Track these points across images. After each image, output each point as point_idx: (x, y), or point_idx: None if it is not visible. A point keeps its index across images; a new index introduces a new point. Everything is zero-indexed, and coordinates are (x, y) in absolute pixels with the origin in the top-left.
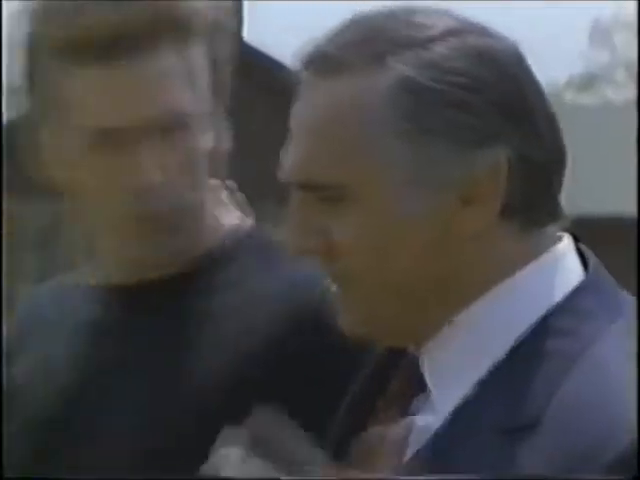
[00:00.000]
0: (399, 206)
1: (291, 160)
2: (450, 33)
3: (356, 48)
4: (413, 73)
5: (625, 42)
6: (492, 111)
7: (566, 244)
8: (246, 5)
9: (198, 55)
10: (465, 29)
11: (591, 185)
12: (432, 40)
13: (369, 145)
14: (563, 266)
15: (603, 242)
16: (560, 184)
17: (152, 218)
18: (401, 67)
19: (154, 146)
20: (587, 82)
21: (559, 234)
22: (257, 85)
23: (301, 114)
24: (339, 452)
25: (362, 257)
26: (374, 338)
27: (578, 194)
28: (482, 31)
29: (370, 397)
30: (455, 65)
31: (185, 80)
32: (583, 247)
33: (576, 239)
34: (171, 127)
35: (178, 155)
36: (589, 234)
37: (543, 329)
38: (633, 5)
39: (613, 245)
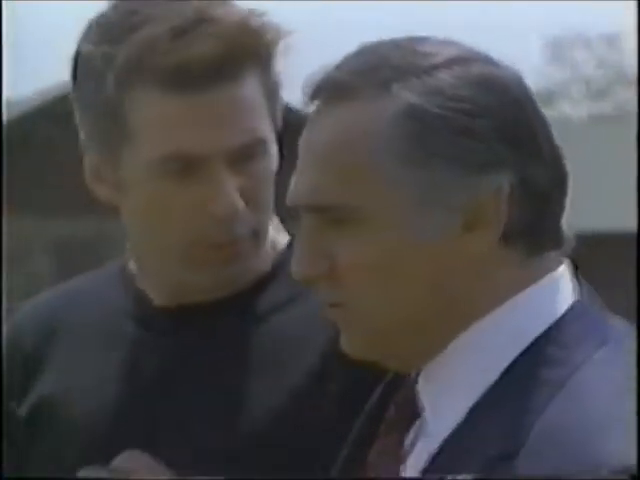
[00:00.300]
0: (404, 229)
1: (299, 184)
2: (454, 61)
3: (363, 76)
4: (418, 100)
5: (583, 58)
6: (495, 137)
7: (562, 269)
8: None
9: (267, 83)
10: (469, 57)
11: None
12: (437, 67)
13: (376, 170)
14: (558, 292)
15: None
16: (562, 210)
17: (232, 244)
18: (406, 94)
19: (237, 173)
20: (545, 98)
21: (560, 258)
22: None
23: (310, 139)
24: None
25: (365, 278)
26: (377, 361)
27: None
28: (486, 59)
29: (374, 424)
30: (459, 92)
31: (264, 107)
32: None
33: (575, 264)
34: (254, 154)
35: (257, 181)
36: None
37: (532, 356)
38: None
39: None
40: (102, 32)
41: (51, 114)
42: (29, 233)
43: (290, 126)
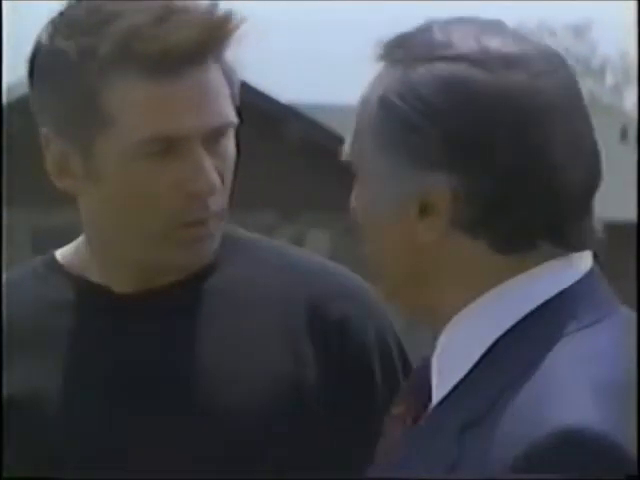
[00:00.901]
0: (375, 202)
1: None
2: (443, 58)
3: (389, 49)
4: (391, 90)
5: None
6: (439, 139)
7: (563, 260)
8: None
9: (225, 69)
10: (463, 56)
11: None
12: (424, 61)
13: (366, 138)
14: (546, 279)
15: None
16: (547, 213)
17: (204, 223)
18: (389, 81)
19: (210, 154)
20: None
21: (560, 251)
22: None
23: None
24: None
25: (364, 230)
26: (400, 308)
27: None
28: (484, 62)
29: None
30: (421, 90)
31: (227, 92)
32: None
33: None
34: (222, 137)
35: (226, 162)
36: None
37: (514, 336)
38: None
39: None
40: (70, 27)
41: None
42: (9, 223)
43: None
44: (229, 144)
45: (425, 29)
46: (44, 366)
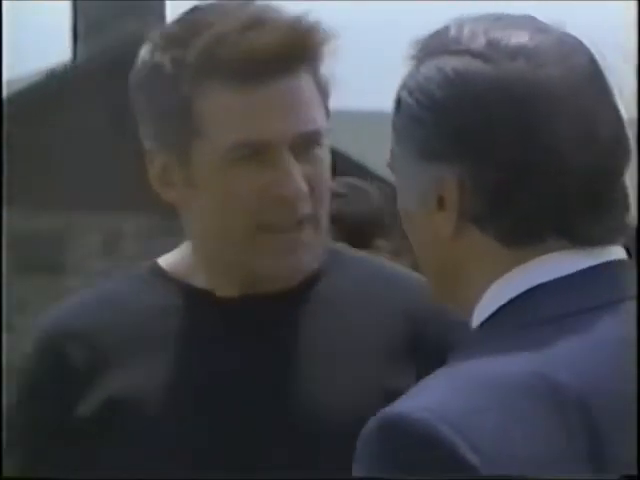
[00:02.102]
0: (404, 198)
1: None
2: (452, 52)
3: (419, 46)
4: (403, 84)
5: None
6: (442, 131)
7: (563, 254)
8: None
9: (319, 80)
10: (471, 50)
11: None
12: (436, 55)
13: (390, 137)
14: (536, 271)
15: None
16: (554, 205)
17: (296, 230)
18: (405, 77)
19: (299, 160)
20: None
21: (576, 246)
22: None
23: None
24: None
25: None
26: (449, 308)
27: None
28: (487, 55)
29: None
30: (425, 83)
31: (319, 101)
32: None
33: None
34: (313, 143)
35: (317, 169)
36: None
37: (479, 330)
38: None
39: None
40: (167, 42)
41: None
42: None
43: None
44: (321, 151)
45: (446, 27)
46: (148, 369)
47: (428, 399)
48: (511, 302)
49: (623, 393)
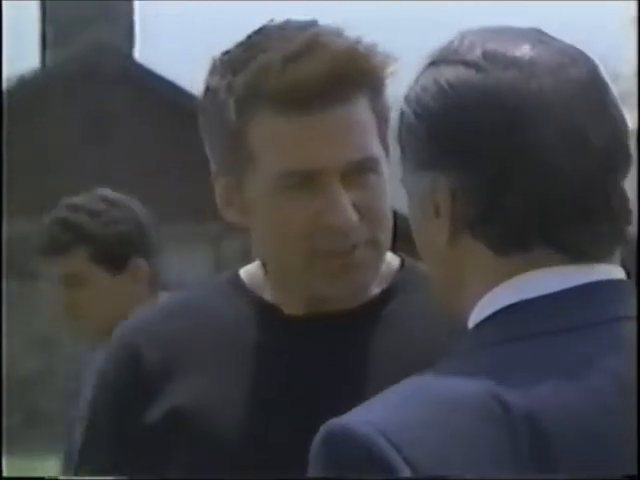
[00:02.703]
0: (408, 205)
1: None
2: (448, 62)
3: (432, 54)
4: (405, 94)
5: None
6: (433, 140)
7: (555, 269)
8: (138, 27)
9: (377, 106)
10: (466, 60)
11: None
12: (433, 65)
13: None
14: (522, 287)
15: None
16: (542, 214)
17: (350, 253)
18: (410, 85)
19: (350, 187)
20: None
21: (570, 258)
22: (150, 106)
23: None
24: None
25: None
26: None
27: None
28: (480, 64)
29: None
30: (419, 93)
31: (374, 128)
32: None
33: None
34: (365, 170)
35: (369, 195)
36: None
37: (458, 344)
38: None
39: None
40: (226, 65)
41: None
42: None
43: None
44: (376, 177)
45: (451, 39)
46: (214, 380)
47: (374, 413)
48: (490, 317)
49: (583, 411)
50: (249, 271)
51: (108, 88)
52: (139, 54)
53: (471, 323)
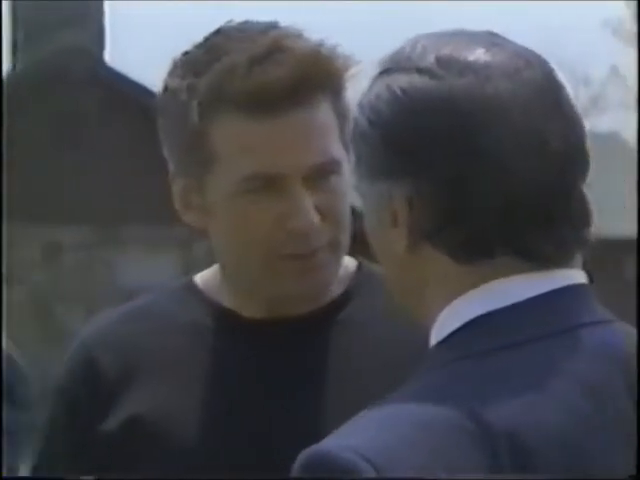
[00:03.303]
0: (365, 214)
1: None
2: (401, 69)
3: (380, 62)
4: (359, 100)
5: None
6: (388, 148)
7: (519, 278)
8: (108, 29)
9: (339, 109)
10: (419, 67)
11: None
12: (388, 72)
13: None
14: (486, 298)
15: None
16: (502, 221)
17: (310, 256)
18: (361, 96)
19: (312, 190)
20: None
21: (532, 266)
22: (119, 108)
23: None
24: None
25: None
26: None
27: None
28: (433, 71)
29: None
30: (372, 99)
31: (336, 131)
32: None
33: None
34: (327, 173)
35: (331, 197)
36: None
37: (428, 356)
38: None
39: None
40: (187, 67)
41: None
42: None
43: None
44: (338, 179)
45: (403, 45)
46: (172, 386)
47: (353, 438)
48: (458, 331)
49: (559, 422)
50: (205, 277)
51: (78, 91)
52: (109, 57)
53: (437, 334)
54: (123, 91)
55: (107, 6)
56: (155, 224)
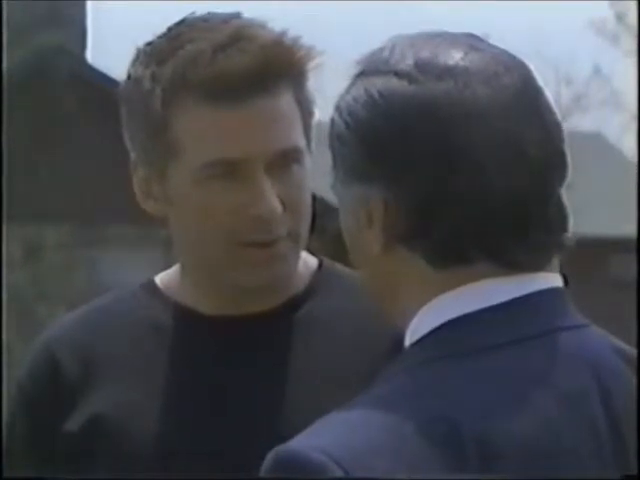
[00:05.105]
0: (341, 215)
1: None
2: (379, 72)
3: (358, 64)
4: (337, 102)
5: None
6: (364, 151)
7: (493, 281)
8: (90, 29)
9: (301, 98)
10: (397, 71)
11: None
12: (366, 75)
13: None
14: (461, 301)
15: None
16: (478, 225)
17: (272, 244)
18: (342, 94)
19: (274, 179)
20: None
21: (508, 270)
22: (101, 107)
23: None
24: None
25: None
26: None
27: None
28: (411, 75)
29: None
30: (350, 102)
31: (298, 120)
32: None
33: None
34: (289, 161)
35: (293, 187)
36: None
37: (398, 359)
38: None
39: None
40: (150, 55)
41: None
42: None
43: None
44: (299, 168)
45: (380, 47)
46: (132, 386)
47: (323, 439)
48: (432, 332)
49: (529, 428)
50: (165, 276)
51: (60, 90)
52: (91, 56)
53: (411, 335)
54: (105, 90)
55: (89, 6)
56: (137, 223)
